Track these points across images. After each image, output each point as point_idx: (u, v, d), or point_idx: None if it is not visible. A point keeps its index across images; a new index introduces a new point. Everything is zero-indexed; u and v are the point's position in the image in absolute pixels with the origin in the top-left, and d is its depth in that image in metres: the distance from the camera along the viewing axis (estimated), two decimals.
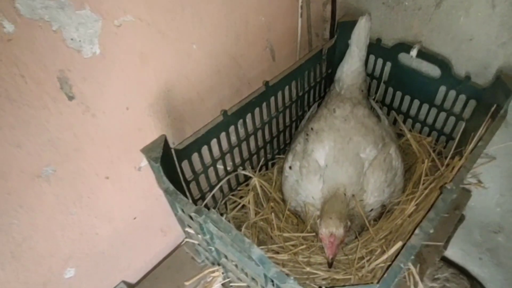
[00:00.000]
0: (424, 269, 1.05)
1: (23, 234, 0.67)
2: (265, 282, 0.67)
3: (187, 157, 0.85)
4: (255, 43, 1.00)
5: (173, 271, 1.03)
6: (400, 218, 0.97)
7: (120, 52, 0.67)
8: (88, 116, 0.67)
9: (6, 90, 0.55)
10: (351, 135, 1.02)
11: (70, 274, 0.81)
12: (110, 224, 0.84)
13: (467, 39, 0.95)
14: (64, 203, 0.72)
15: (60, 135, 0.65)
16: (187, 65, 0.82)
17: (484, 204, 1.27)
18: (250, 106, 0.95)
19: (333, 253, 0.86)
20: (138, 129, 0.78)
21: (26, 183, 0.64)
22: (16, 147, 0.59)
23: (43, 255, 0.73)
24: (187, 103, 0.87)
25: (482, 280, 1.63)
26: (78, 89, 0.64)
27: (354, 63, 1.14)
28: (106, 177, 0.77)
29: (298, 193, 1.05)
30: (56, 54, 0.58)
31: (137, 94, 0.74)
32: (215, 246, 0.76)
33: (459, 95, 1.02)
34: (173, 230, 1.03)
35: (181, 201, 0.70)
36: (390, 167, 1.03)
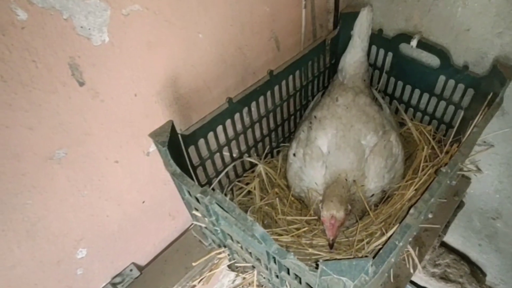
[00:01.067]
0: (423, 253, 1.07)
1: (37, 214, 0.71)
2: (268, 259, 0.71)
3: (193, 143, 0.88)
4: (260, 33, 1.03)
5: (181, 254, 1.06)
6: (399, 202, 1.00)
7: (128, 40, 0.70)
8: (97, 101, 0.71)
9: (18, 74, 0.58)
10: (353, 123, 1.05)
11: (82, 254, 0.84)
12: (119, 207, 0.87)
13: (464, 30, 0.97)
14: (76, 185, 0.75)
15: (70, 119, 0.68)
16: (193, 54, 0.85)
17: (483, 191, 1.29)
18: (254, 94, 0.98)
19: (333, 234, 0.89)
20: (146, 115, 0.81)
21: (39, 165, 0.67)
22: (29, 130, 0.63)
23: (57, 235, 0.76)
24: (194, 91, 0.90)
25: (481, 265, 1.66)
26: (88, 75, 0.67)
27: (357, 53, 1.17)
28: (115, 161, 0.80)
29: (301, 179, 1.08)
30: (67, 42, 0.61)
31: (145, 81, 0.77)
32: (221, 227, 0.80)
33: (458, 84, 1.04)
34: (181, 214, 1.06)
35: (188, 183, 0.73)
36: (390, 154, 1.05)
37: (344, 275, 0.52)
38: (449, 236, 1.65)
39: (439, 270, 1.68)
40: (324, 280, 0.58)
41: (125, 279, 1.00)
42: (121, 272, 0.99)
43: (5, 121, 0.59)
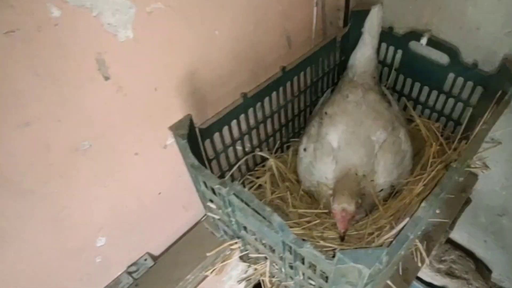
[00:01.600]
0: (430, 247, 1.10)
1: (63, 203, 0.74)
2: (283, 249, 0.73)
3: (209, 136, 0.90)
4: (272, 30, 1.05)
5: (193, 245, 1.09)
6: (408, 197, 1.03)
7: (150, 36, 0.73)
8: (120, 95, 0.73)
9: (50, 69, 0.60)
10: (363, 119, 1.07)
11: (102, 242, 0.87)
12: (137, 198, 0.90)
13: (474, 28, 0.99)
14: (98, 176, 0.78)
15: (95, 112, 0.71)
16: (209, 50, 0.88)
17: (490, 188, 1.31)
18: (267, 90, 1.00)
19: (344, 227, 0.91)
20: (164, 109, 0.84)
21: (65, 156, 0.70)
22: (58, 122, 0.66)
23: (79, 224, 0.79)
24: (209, 85, 0.93)
25: (487, 262, 1.68)
26: (113, 70, 0.69)
27: (367, 50, 1.19)
28: (135, 153, 0.83)
29: (312, 174, 1.10)
30: (95, 38, 0.64)
31: (165, 76, 0.80)
32: (236, 218, 0.82)
33: (467, 82, 1.06)
34: (193, 207, 1.09)
35: (206, 175, 0.76)
36: (399, 150, 1.07)
37: (361, 263, 0.55)
38: (455, 233, 1.67)
39: (444, 266, 1.70)
40: (340, 269, 0.60)
41: (140, 268, 1.03)
42: (136, 261, 1.02)
43: (37, 113, 0.62)
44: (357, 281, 0.60)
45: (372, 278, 0.61)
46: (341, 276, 0.62)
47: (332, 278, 0.63)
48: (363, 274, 0.56)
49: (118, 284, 0.98)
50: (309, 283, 0.81)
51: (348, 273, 0.61)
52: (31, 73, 0.58)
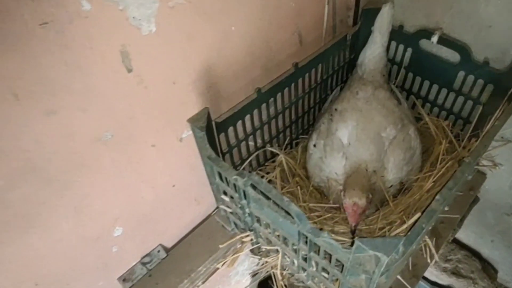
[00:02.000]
0: (439, 244, 1.11)
1: (84, 191, 0.76)
2: (298, 240, 0.75)
3: (224, 130, 0.92)
4: (285, 27, 1.07)
5: (204, 238, 1.11)
6: (418, 193, 1.04)
7: (171, 31, 0.74)
8: (141, 87, 0.75)
9: (78, 60, 0.62)
10: (373, 116, 1.08)
11: (118, 232, 0.89)
12: (153, 189, 0.92)
13: (486, 26, 1.00)
14: (118, 167, 0.80)
15: (117, 103, 0.73)
16: (226, 45, 0.89)
17: (498, 186, 1.32)
18: (280, 85, 1.02)
19: (356, 221, 0.93)
20: (181, 102, 0.86)
21: (88, 145, 0.72)
22: (82, 112, 0.68)
23: (98, 213, 0.81)
24: (224, 80, 0.95)
25: (493, 262, 1.68)
26: (135, 63, 0.71)
27: (377, 48, 1.20)
28: (152, 145, 0.85)
29: (322, 169, 1.12)
30: (120, 31, 0.66)
31: (183, 71, 0.82)
32: (250, 210, 0.84)
33: (477, 80, 1.07)
34: (205, 200, 1.11)
35: (223, 166, 0.78)
36: (409, 147, 1.09)
37: (379, 251, 0.56)
38: (461, 232, 1.68)
39: (450, 265, 1.71)
40: (357, 257, 0.62)
41: (153, 259, 1.05)
42: (149, 253, 1.04)
43: (63, 102, 0.63)
44: (373, 269, 0.62)
45: (387, 268, 0.63)
46: (358, 264, 0.63)
47: (349, 267, 0.65)
48: (381, 262, 0.58)
49: (132, 274, 1.00)
50: (321, 274, 0.82)
51: (365, 262, 0.62)
52: (61, 63, 0.60)
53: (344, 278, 0.70)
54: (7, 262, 0.69)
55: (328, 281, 0.80)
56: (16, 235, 0.68)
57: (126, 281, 0.99)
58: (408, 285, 0.99)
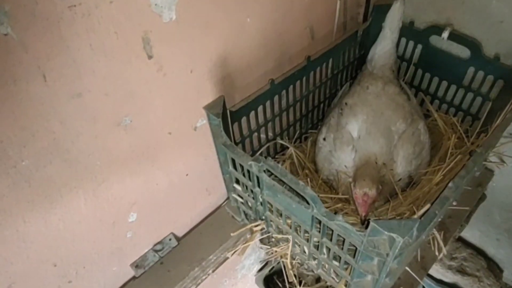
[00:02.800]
0: (447, 238, 1.12)
1: (103, 175, 0.78)
2: (311, 225, 0.76)
3: (237, 120, 0.94)
4: (298, 21, 1.09)
5: (215, 228, 1.13)
6: (427, 186, 1.05)
7: (190, 19, 0.76)
8: (161, 74, 0.77)
9: (103, 44, 0.64)
10: (383, 110, 1.10)
11: (133, 218, 0.91)
12: (167, 177, 0.94)
13: (498, 22, 1.02)
14: (136, 152, 0.82)
15: (138, 89, 0.74)
16: (241, 36, 0.91)
17: (506, 184, 1.33)
18: (293, 78, 1.04)
19: (366, 211, 0.94)
20: (197, 91, 0.88)
21: (108, 129, 0.74)
22: (105, 95, 0.69)
23: (115, 197, 0.83)
24: (238, 71, 0.96)
25: (498, 261, 1.69)
26: (156, 50, 0.73)
27: (387, 44, 1.22)
28: (169, 132, 0.87)
29: (331, 162, 1.13)
30: (143, 17, 0.68)
31: (200, 59, 0.84)
32: (264, 197, 0.86)
33: (487, 76, 1.09)
34: (216, 190, 1.13)
35: (238, 153, 0.79)
36: (418, 141, 1.10)
37: (394, 232, 0.58)
38: (466, 231, 1.69)
39: (455, 263, 1.72)
40: (371, 240, 0.64)
41: (164, 247, 1.06)
42: (161, 240, 1.06)
43: (88, 85, 0.65)
44: (388, 252, 0.63)
45: (401, 251, 0.64)
46: (373, 247, 0.65)
47: (362, 250, 0.66)
48: (396, 243, 0.59)
49: (145, 261, 1.01)
50: (333, 262, 0.84)
51: (379, 244, 0.64)
52: (87, 46, 0.61)
53: (357, 263, 0.72)
54: (29, 242, 0.71)
55: (339, 268, 0.82)
56: (39, 215, 0.70)
57: (139, 267, 1.01)
58: (416, 276, 1.01)
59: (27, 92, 0.58)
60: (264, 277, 1.62)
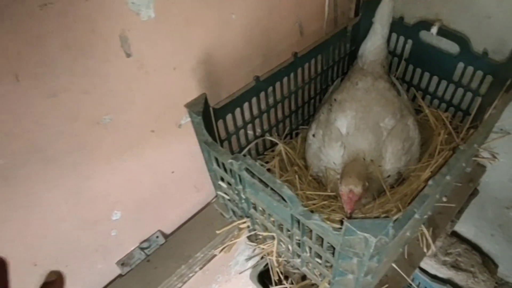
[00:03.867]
0: (436, 234, 1.12)
1: (84, 173, 0.78)
2: (291, 224, 0.76)
3: (222, 117, 0.94)
4: (286, 17, 1.08)
5: (203, 225, 1.13)
6: (415, 182, 1.05)
7: (170, 17, 0.76)
8: (142, 72, 0.77)
9: (79, 43, 0.64)
10: (372, 106, 1.09)
11: (117, 216, 0.91)
12: (152, 175, 0.94)
13: (486, 17, 1.01)
14: (118, 150, 0.82)
15: (118, 87, 0.74)
16: (225, 33, 0.91)
17: (498, 179, 1.32)
18: (279, 74, 1.03)
19: (351, 208, 0.94)
20: (181, 89, 0.87)
21: (89, 128, 0.74)
22: (84, 94, 0.69)
23: (98, 196, 0.83)
24: (224, 68, 0.96)
25: (493, 256, 1.69)
26: (135, 48, 0.73)
27: (377, 40, 1.21)
28: (152, 130, 0.87)
29: (320, 159, 1.13)
30: (120, 15, 0.67)
31: (183, 57, 0.83)
32: (246, 195, 0.86)
33: (476, 71, 1.08)
34: (204, 188, 1.13)
35: (219, 151, 0.79)
36: (408, 137, 1.10)
37: (368, 232, 0.58)
38: (461, 226, 1.69)
39: (450, 259, 1.72)
40: (347, 240, 0.63)
41: (151, 244, 1.07)
42: (148, 238, 1.06)
43: (66, 84, 0.65)
44: (363, 252, 0.63)
45: (378, 250, 0.64)
46: (348, 247, 0.64)
47: (340, 250, 0.66)
48: (369, 243, 0.59)
49: (131, 259, 1.02)
50: (315, 260, 0.84)
51: (355, 244, 0.63)
52: (63, 45, 0.61)
53: (336, 262, 0.72)
54: (9, 241, 0.71)
55: (321, 266, 0.81)
56: (19, 214, 0.70)
57: (125, 265, 1.01)
58: (403, 273, 1.00)
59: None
60: (259, 273, 1.62)
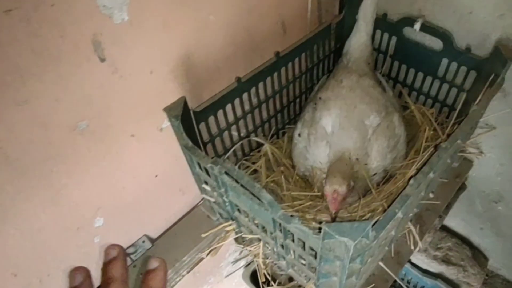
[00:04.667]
0: (423, 231, 1.12)
1: (61, 181, 0.76)
2: (274, 227, 0.75)
3: (204, 119, 0.92)
4: (267, 16, 1.07)
5: (190, 228, 1.12)
6: (401, 181, 1.04)
7: (145, 19, 0.74)
8: (116, 77, 0.75)
9: (48, 49, 0.62)
10: (356, 103, 1.08)
11: (100, 223, 0.90)
12: (134, 179, 0.92)
13: (467, 12, 1.00)
14: (96, 156, 0.80)
15: (92, 92, 0.72)
16: (204, 35, 0.89)
17: (485, 174, 1.33)
18: (262, 75, 1.02)
19: (336, 208, 0.93)
20: (160, 92, 0.86)
21: (63, 135, 0.72)
22: (55, 101, 0.67)
23: (77, 203, 0.82)
24: (205, 70, 0.94)
25: (483, 250, 1.69)
26: (109, 52, 0.71)
27: (361, 37, 1.20)
28: (131, 135, 0.85)
29: (306, 158, 1.12)
30: (91, 19, 0.66)
31: (160, 60, 0.82)
32: (229, 198, 0.85)
33: (460, 67, 1.08)
34: (190, 190, 1.11)
35: (199, 155, 0.78)
36: (393, 134, 1.09)
37: (346, 236, 0.57)
38: (451, 221, 1.69)
39: (440, 253, 1.72)
40: (327, 243, 0.62)
41: (138, 249, 1.05)
42: (134, 243, 1.05)
43: (35, 91, 0.63)
44: (343, 255, 0.62)
45: (359, 253, 0.63)
46: (328, 250, 0.64)
47: (320, 253, 0.65)
48: (347, 247, 0.58)
49: None
50: (300, 262, 0.83)
51: (335, 247, 0.63)
52: (29, 51, 0.59)
53: (319, 265, 0.71)
54: None
55: (306, 268, 0.81)
56: None
57: None
58: (391, 272, 1.00)
59: None
60: (251, 272, 1.62)
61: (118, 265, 0.44)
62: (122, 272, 0.43)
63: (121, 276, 0.43)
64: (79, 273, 0.43)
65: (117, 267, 0.43)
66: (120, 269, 0.43)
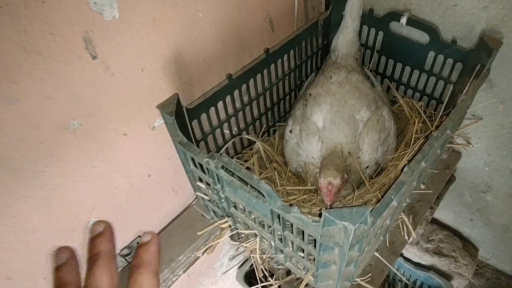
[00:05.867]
0: (416, 221, 1.13)
1: (53, 182, 0.75)
2: (272, 219, 0.76)
3: (196, 117, 0.92)
4: (255, 13, 1.07)
5: (184, 228, 1.11)
6: (393, 172, 1.06)
7: (136, 16, 0.74)
8: (108, 75, 0.75)
9: (38, 46, 0.61)
10: (346, 99, 1.10)
11: None
12: (127, 179, 0.92)
13: (452, 5, 1.02)
14: (88, 156, 0.79)
15: (84, 90, 0.72)
16: (194, 32, 0.89)
17: (473, 165, 1.35)
18: (252, 72, 1.02)
19: (331, 200, 0.94)
20: (151, 90, 0.85)
21: (55, 134, 0.71)
22: (47, 99, 0.67)
23: (71, 204, 0.80)
24: (195, 68, 0.94)
25: (473, 240, 1.72)
26: (100, 49, 0.71)
27: (348, 33, 1.21)
28: (124, 133, 0.85)
29: (298, 154, 1.13)
30: (81, 16, 0.65)
31: (151, 57, 0.81)
32: (225, 194, 0.84)
33: (447, 59, 1.10)
34: (184, 190, 1.11)
35: (194, 151, 0.78)
36: (383, 128, 1.11)
37: (346, 220, 0.57)
38: (441, 213, 1.72)
39: (432, 246, 1.74)
40: (327, 230, 0.63)
41: (132, 251, 1.04)
42: (129, 244, 1.03)
43: (26, 90, 0.63)
44: (343, 241, 0.63)
45: (357, 239, 0.64)
46: (328, 237, 0.64)
47: (320, 241, 0.66)
48: (348, 231, 0.59)
49: None
50: (299, 254, 0.83)
51: (335, 233, 0.63)
52: (20, 48, 0.59)
53: (318, 253, 0.71)
54: None
55: (304, 259, 0.81)
56: None
57: None
58: (386, 262, 1.01)
59: None
60: (245, 273, 1.61)
61: (105, 239, 0.39)
62: (109, 247, 0.39)
63: (109, 252, 0.38)
64: (63, 252, 0.39)
65: (104, 242, 0.39)
66: (107, 243, 0.39)
